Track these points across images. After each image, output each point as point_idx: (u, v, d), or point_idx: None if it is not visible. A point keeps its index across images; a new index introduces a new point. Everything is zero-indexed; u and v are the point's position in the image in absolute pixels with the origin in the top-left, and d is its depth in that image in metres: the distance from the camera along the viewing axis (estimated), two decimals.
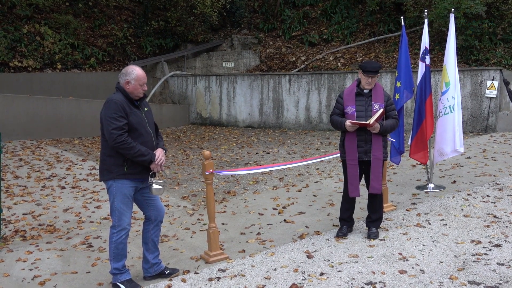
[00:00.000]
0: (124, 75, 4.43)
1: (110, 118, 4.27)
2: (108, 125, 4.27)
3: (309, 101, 15.08)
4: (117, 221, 4.44)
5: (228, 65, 18.91)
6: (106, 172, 4.42)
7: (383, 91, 5.42)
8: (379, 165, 5.35)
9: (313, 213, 6.67)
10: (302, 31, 19.67)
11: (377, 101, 5.37)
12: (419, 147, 7.40)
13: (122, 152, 4.30)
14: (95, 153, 11.41)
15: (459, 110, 7.21)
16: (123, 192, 4.42)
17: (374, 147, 5.34)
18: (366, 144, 5.38)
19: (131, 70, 4.43)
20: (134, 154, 4.30)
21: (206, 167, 4.98)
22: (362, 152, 5.41)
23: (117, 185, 4.40)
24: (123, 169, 4.37)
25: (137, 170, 4.43)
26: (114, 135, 4.24)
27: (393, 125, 5.37)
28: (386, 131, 5.35)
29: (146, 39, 19.39)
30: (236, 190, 8.13)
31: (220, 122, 16.89)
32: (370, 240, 5.44)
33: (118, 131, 4.25)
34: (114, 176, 4.38)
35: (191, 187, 8.43)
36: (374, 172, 5.36)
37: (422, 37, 7.43)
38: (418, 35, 16.08)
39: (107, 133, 4.29)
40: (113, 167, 4.38)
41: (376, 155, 5.34)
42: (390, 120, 5.39)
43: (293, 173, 9.16)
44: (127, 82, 4.43)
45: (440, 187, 7.52)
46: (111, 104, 4.32)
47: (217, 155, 11.28)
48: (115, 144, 4.25)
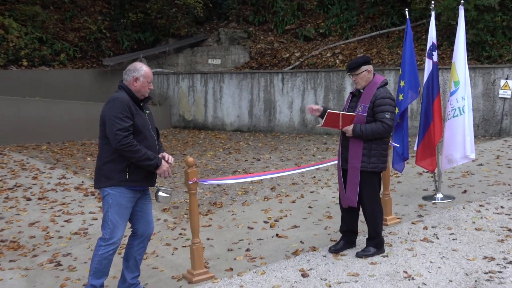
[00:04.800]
0: (132, 72, 4.53)
1: (116, 118, 4.32)
2: (113, 125, 4.32)
3: (304, 102, 15.13)
4: (109, 234, 4.46)
5: (215, 62, 18.92)
6: (104, 178, 4.45)
7: (375, 91, 5.36)
8: (355, 175, 5.33)
9: (309, 226, 6.65)
10: (297, 25, 19.74)
11: (363, 101, 5.36)
12: (426, 153, 7.38)
13: (127, 155, 4.36)
14: (65, 160, 11.34)
15: (469, 112, 7.19)
16: (120, 202, 4.45)
17: (351, 154, 5.35)
18: (346, 151, 5.43)
19: (140, 66, 4.56)
20: (140, 157, 4.36)
21: (189, 175, 4.97)
22: (343, 159, 5.48)
23: (114, 194, 4.43)
24: (124, 176, 4.42)
25: (140, 177, 4.49)
26: (120, 137, 4.29)
27: (375, 130, 5.22)
28: (367, 136, 5.24)
29: (123, 33, 19.37)
30: (223, 201, 8.12)
31: (205, 125, 16.90)
32: (363, 258, 5.43)
33: (123, 132, 4.30)
34: (113, 183, 4.42)
35: (172, 198, 8.41)
36: (349, 182, 5.39)
37: (429, 31, 7.44)
38: (424, 29, 16.17)
39: (111, 134, 4.33)
40: (113, 173, 4.41)
41: (353, 163, 5.34)
42: (373, 124, 5.26)
43: (286, 182, 9.15)
44: (136, 79, 4.51)
45: (450, 197, 7.51)
46: (117, 103, 4.38)
47: (201, 162, 11.24)
48: (120, 146, 4.30)
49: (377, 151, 5.34)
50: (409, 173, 9.14)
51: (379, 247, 5.51)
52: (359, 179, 5.33)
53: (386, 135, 5.37)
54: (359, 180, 5.34)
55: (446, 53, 15.05)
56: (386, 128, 5.25)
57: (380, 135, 5.27)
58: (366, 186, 5.37)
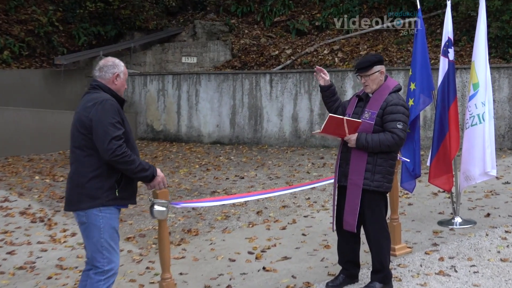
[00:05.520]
0: (111, 68, 4.60)
1: (109, 124, 4.36)
2: (106, 133, 4.33)
3: (296, 108, 15.18)
4: (106, 264, 4.49)
5: (189, 60, 18.90)
6: (88, 198, 4.42)
7: (386, 96, 5.39)
8: (355, 194, 5.34)
9: (302, 258, 6.64)
10: (288, 16, 19.79)
11: (371, 107, 5.39)
12: (441, 169, 7.40)
13: (121, 167, 4.39)
14: (8, 179, 11.27)
15: (490, 120, 7.23)
16: (112, 225, 4.50)
17: (352, 168, 5.35)
18: (346, 165, 5.45)
19: (118, 62, 4.66)
20: (135, 169, 4.44)
21: (158, 197, 4.91)
22: (341, 174, 5.50)
23: (105, 216, 4.45)
24: (113, 193, 4.45)
25: (128, 193, 4.59)
26: (115, 146, 4.31)
27: (383, 141, 5.23)
28: (373, 148, 5.26)
29: (79, 26, 19.29)
30: (199, 228, 8.09)
31: (178, 136, 16.88)
32: None
33: (118, 141, 4.35)
34: (101, 203, 4.42)
35: (138, 225, 8.36)
36: (348, 202, 5.39)
37: (444, 24, 7.55)
38: (439, 22, 16.26)
39: (103, 143, 4.33)
40: (100, 191, 4.42)
41: (353, 179, 5.33)
42: (381, 134, 5.27)
43: (275, 204, 9.15)
44: (117, 75, 4.60)
45: (470, 222, 7.53)
46: (107, 106, 4.40)
47: (174, 181, 11.23)
48: (114, 157, 4.32)
49: (383, 167, 5.34)
50: (421, 193, 9.11)
51: (386, 282, 5.47)
52: (361, 199, 5.34)
53: (396, 148, 5.40)
54: (361, 200, 5.34)
55: (465, 50, 15.13)
56: (397, 140, 5.25)
57: (389, 147, 5.28)
58: (369, 208, 5.37)
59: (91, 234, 4.48)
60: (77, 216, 4.53)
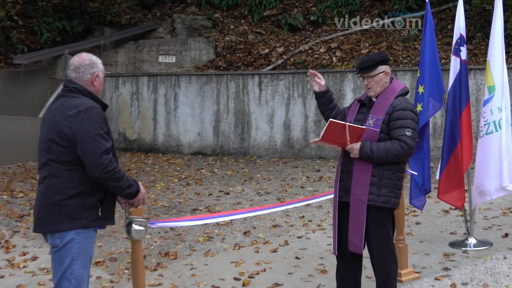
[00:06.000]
0: (89, 67, 4.55)
1: (97, 136, 4.31)
2: (96, 146, 4.28)
3: (289, 114, 15.21)
4: None
5: (167, 59, 18.89)
6: (67, 218, 4.36)
7: (392, 100, 5.40)
8: (360, 210, 5.31)
9: (296, 284, 6.61)
10: (279, 10, 19.83)
11: (376, 113, 5.40)
12: (452, 184, 7.40)
13: (110, 184, 4.38)
14: None
15: (508, 128, 7.23)
16: (88, 250, 4.47)
17: (356, 182, 5.34)
18: (348, 178, 5.43)
19: (95, 59, 4.62)
20: (123, 186, 4.43)
21: (133, 214, 4.86)
22: (342, 189, 5.47)
23: (82, 240, 4.40)
24: (96, 212, 4.42)
25: (110, 212, 4.57)
26: (106, 161, 4.28)
27: (390, 150, 5.22)
28: (378, 159, 5.25)
29: (41, 20, 19.22)
30: (179, 251, 8.06)
31: (154, 146, 16.87)
32: None
33: (108, 155, 4.32)
34: (82, 224, 4.37)
35: (109, 247, 8.32)
36: (352, 220, 5.36)
37: (456, 19, 7.56)
38: (450, 17, 16.36)
39: (93, 158, 4.28)
40: (81, 210, 4.37)
41: (357, 194, 5.32)
42: (388, 143, 5.27)
43: (265, 224, 9.14)
44: (96, 76, 4.58)
45: (486, 243, 7.50)
46: (93, 114, 4.35)
47: (149, 197, 11.16)
48: (106, 173, 4.29)
49: (390, 180, 5.33)
50: (430, 210, 9.10)
51: None
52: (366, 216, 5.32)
53: (405, 158, 5.38)
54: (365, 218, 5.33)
55: (480, 48, 15.20)
56: (405, 150, 5.24)
57: (397, 158, 5.26)
58: (375, 227, 5.35)
59: (63, 260, 4.41)
60: (50, 238, 4.45)
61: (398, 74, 13.90)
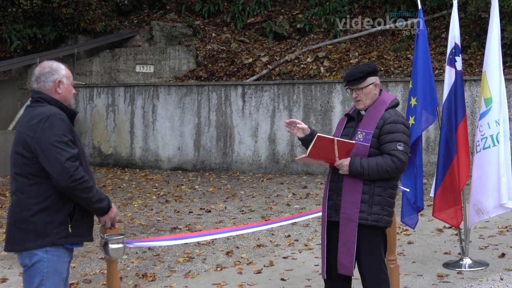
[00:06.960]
0: (50, 74, 4.50)
1: (60, 143, 4.27)
2: (59, 154, 4.24)
3: (274, 127, 15.27)
4: None
5: (145, 69, 19.05)
6: (34, 235, 4.32)
7: (382, 113, 5.37)
8: (350, 230, 5.25)
9: None
10: (264, 17, 19.92)
11: (365, 127, 5.36)
12: (448, 201, 7.42)
13: (78, 195, 4.31)
14: None
15: (506, 142, 7.21)
16: (58, 270, 4.39)
17: (345, 200, 5.28)
18: (337, 196, 5.37)
19: (56, 65, 4.57)
20: (93, 198, 4.37)
21: (109, 232, 4.83)
22: (331, 207, 5.40)
23: (51, 258, 4.35)
24: (65, 229, 4.36)
25: (83, 228, 4.51)
26: (72, 169, 4.23)
27: (381, 166, 5.20)
28: (369, 175, 5.20)
29: (11, 27, 19.35)
30: (157, 272, 8.02)
31: (131, 161, 17.02)
32: None
33: (74, 163, 4.28)
34: (51, 241, 4.32)
35: (83, 268, 8.26)
36: (342, 240, 5.30)
37: (450, 27, 7.61)
38: (444, 25, 16.44)
39: (56, 167, 4.23)
40: (49, 227, 4.31)
41: (347, 213, 5.25)
42: (379, 158, 5.23)
43: (249, 243, 9.16)
44: (58, 82, 4.50)
45: (481, 263, 7.52)
46: (56, 122, 4.31)
47: (126, 215, 11.24)
48: (73, 182, 4.23)
49: (382, 198, 5.29)
50: (424, 229, 9.18)
51: None
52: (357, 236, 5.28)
53: (397, 174, 5.35)
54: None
55: (475, 58, 15.35)
56: (398, 165, 5.20)
57: (389, 173, 5.22)
58: (366, 247, 5.30)
59: (32, 280, 4.39)
60: (19, 257, 4.45)
61: (389, 85, 14.10)
